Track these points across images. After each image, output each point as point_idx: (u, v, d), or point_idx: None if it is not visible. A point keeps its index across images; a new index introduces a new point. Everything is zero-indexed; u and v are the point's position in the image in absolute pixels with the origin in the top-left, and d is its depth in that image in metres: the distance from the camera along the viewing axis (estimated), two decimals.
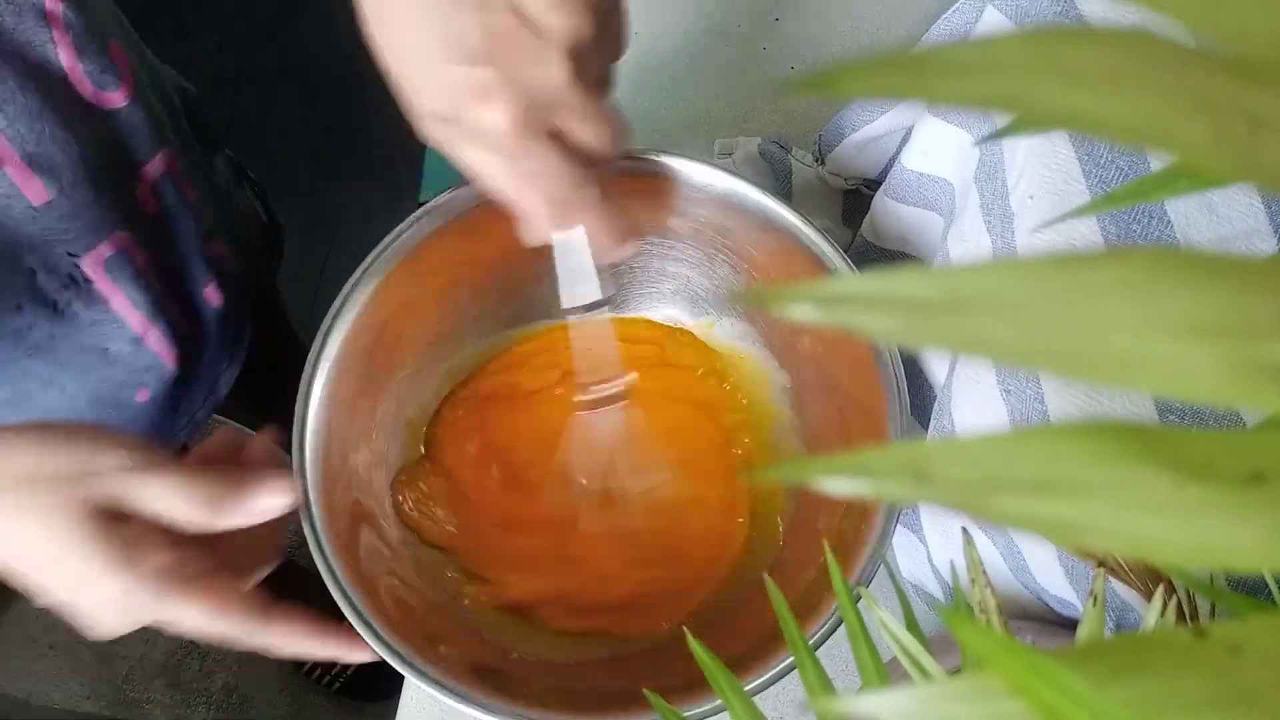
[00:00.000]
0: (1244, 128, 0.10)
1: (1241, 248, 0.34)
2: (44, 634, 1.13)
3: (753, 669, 0.39)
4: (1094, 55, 0.10)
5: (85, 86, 0.49)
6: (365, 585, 0.40)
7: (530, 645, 0.46)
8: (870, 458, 0.11)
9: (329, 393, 0.43)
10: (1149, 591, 0.32)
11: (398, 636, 0.38)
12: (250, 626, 0.36)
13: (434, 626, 0.43)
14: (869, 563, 0.39)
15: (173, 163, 0.55)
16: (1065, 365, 0.10)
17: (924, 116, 0.46)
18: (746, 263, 0.49)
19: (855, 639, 0.26)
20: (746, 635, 0.42)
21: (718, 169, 0.45)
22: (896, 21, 0.67)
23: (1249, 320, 0.10)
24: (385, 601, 0.41)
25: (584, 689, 0.44)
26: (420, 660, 0.38)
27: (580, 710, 0.39)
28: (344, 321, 0.43)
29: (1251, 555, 0.10)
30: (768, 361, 0.52)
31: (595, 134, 0.35)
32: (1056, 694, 0.11)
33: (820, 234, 0.44)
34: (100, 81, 0.49)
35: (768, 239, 0.46)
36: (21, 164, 0.46)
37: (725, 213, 0.47)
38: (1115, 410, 0.34)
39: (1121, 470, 0.11)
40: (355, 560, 0.41)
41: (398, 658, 0.38)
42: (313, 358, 0.42)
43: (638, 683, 0.38)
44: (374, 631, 0.38)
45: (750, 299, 0.24)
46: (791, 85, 0.10)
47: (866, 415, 0.44)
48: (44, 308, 0.50)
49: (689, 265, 0.51)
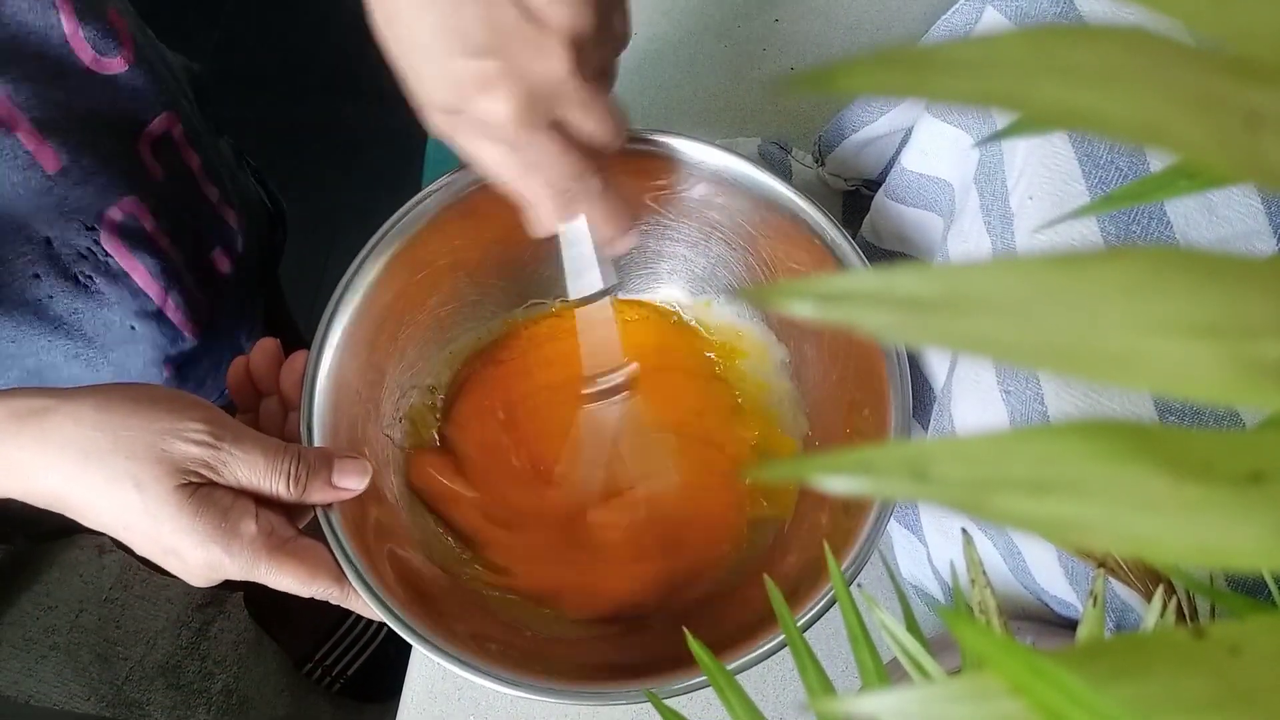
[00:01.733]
0: (1244, 127, 0.10)
1: (1241, 248, 0.34)
2: (44, 635, 1.13)
3: (741, 650, 0.39)
4: (1094, 54, 0.10)
5: (86, 52, 0.49)
6: (373, 562, 0.40)
7: (539, 624, 0.46)
8: (870, 456, 0.11)
9: (334, 378, 0.43)
10: (1149, 592, 0.32)
11: (408, 611, 0.39)
12: (336, 590, 0.38)
13: (443, 603, 0.43)
14: (860, 553, 0.40)
15: (174, 124, 0.56)
16: (1065, 364, 0.10)
17: (924, 117, 0.46)
18: (744, 240, 0.50)
19: (855, 640, 0.26)
20: (738, 619, 0.42)
21: (713, 146, 0.46)
22: (896, 22, 0.67)
23: (1249, 320, 0.10)
24: (392, 577, 0.41)
25: (597, 662, 0.44)
26: (429, 632, 0.39)
27: (591, 679, 0.39)
28: (346, 307, 0.44)
29: (1251, 555, 0.10)
30: (765, 336, 0.52)
31: (597, 125, 0.35)
32: (1056, 694, 0.11)
33: (819, 210, 0.45)
34: (101, 47, 0.49)
35: (766, 217, 0.47)
36: (32, 129, 0.46)
37: (721, 190, 0.47)
38: (1115, 410, 0.34)
39: (1121, 470, 0.10)
40: (364, 539, 0.41)
41: (408, 629, 0.38)
42: (317, 342, 0.43)
43: (648, 653, 0.39)
44: (383, 604, 0.39)
45: (751, 296, 0.24)
46: (791, 83, 0.10)
47: (867, 383, 0.44)
48: (64, 280, 0.51)
49: (686, 245, 0.52)
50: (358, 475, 0.39)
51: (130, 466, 0.35)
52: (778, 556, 0.47)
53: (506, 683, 0.38)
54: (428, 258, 0.47)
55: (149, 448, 0.35)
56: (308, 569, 0.38)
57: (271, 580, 0.37)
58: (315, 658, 1.09)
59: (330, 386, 0.43)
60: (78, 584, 1.15)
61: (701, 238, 0.51)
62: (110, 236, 0.51)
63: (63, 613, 1.13)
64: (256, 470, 0.37)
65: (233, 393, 0.45)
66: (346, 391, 0.44)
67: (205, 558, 0.36)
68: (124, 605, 1.15)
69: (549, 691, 0.38)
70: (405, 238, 0.45)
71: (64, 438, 0.35)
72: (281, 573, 0.37)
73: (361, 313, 0.45)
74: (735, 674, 0.37)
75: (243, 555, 0.36)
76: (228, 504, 0.36)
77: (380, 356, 0.47)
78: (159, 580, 1.14)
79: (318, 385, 0.42)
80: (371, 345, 0.46)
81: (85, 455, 0.35)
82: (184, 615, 1.14)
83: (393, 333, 0.47)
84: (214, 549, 0.36)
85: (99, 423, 0.35)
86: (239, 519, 0.36)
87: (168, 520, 0.35)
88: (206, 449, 0.35)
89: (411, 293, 0.48)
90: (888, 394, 0.42)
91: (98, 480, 0.35)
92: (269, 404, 0.44)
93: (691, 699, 0.47)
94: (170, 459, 0.35)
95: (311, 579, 0.38)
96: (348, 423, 0.44)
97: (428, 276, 0.48)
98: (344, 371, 0.44)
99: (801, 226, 0.46)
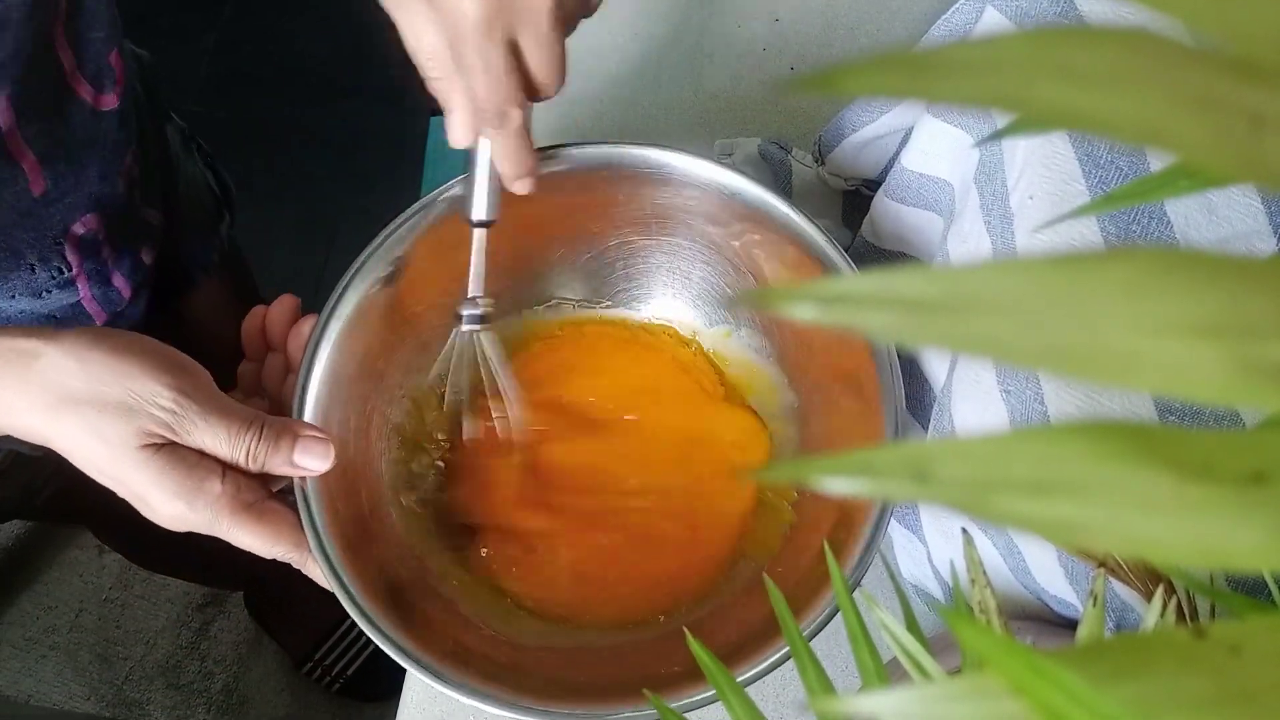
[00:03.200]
0: (1244, 127, 0.10)
1: (1241, 248, 0.34)
2: (44, 635, 1.13)
3: (746, 659, 0.39)
4: (1094, 55, 0.10)
5: (85, 89, 0.50)
6: (361, 570, 0.40)
7: (531, 634, 0.46)
8: (871, 457, 0.11)
9: (340, 347, 0.44)
10: (1149, 592, 0.32)
11: (398, 630, 0.39)
12: (299, 554, 0.39)
13: (431, 613, 0.43)
14: (862, 559, 0.40)
15: (137, 151, 0.57)
16: (1065, 365, 0.10)
17: (924, 117, 0.46)
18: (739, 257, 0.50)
19: (855, 639, 0.26)
20: (741, 626, 0.42)
21: (751, 181, 0.46)
22: (897, 22, 0.67)
23: (1249, 320, 0.10)
24: (378, 583, 0.41)
25: (583, 680, 0.44)
26: (414, 647, 0.39)
27: (579, 699, 0.39)
28: (365, 277, 0.45)
29: (1251, 555, 0.10)
30: (778, 378, 0.52)
31: (544, 64, 0.36)
32: (1056, 694, 0.11)
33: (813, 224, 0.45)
34: (99, 85, 0.50)
35: (788, 251, 0.47)
36: (35, 162, 0.47)
37: (752, 224, 0.47)
38: (1115, 410, 0.34)
39: (1121, 470, 0.11)
40: (347, 538, 0.41)
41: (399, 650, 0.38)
42: (326, 310, 0.44)
43: (637, 671, 0.38)
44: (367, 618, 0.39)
45: (752, 300, 0.24)
46: (792, 85, 0.10)
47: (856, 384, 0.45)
48: (28, 292, 0.51)
49: (715, 272, 0.52)
50: (320, 456, 0.39)
51: (100, 421, 0.35)
52: (778, 564, 0.47)
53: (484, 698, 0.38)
54: (455, 240, 0.47)
55: (119, 405, 0.36)
56: (270, 533, 0.38)
57: (234, 539, 0.38)
58: (315, 658, 1.08)
59: (335, 355, 0.43)
60: (77, 584, 1.15)
61: (731, 270, 0.51)
62: (74, 252, 0.52)
63: (62, 613, 1.14)
64: (219, 441, 0.37)
65: (244, 340, 0.46)
66: (350, 361, 0.44)
67: (172, 511, 0.37)
68: (124, 605, 1.15)
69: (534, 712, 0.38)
70: (406, 241, 0.46)
71: (44, 382, 0.36)
72: (243, 533, 0.38)
73: (379, 286, 0.45)
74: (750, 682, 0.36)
75: (206, 512, 0.37)
76: (193, 462, 0.37)
77: (375, 358, 0.47)
78: (159, 580, 1.14)
79: (320, 353, 0.43)
80: (386, 321, 0.46)
81: (61, 401, 0.35)
82: (184, 615, 1.14)
83: (408, 311, 0.48)
84: (178, 504, 0.36)
85: (77, 371, 0.36)
86: (204, 477, 0.37)
87: (133, 473, 0.36)
88: (170, 415, 0.36)
89: (410, 295, 0.48)
90: (879, 397, 0.43)
91: (71, 428, 0.36)
92: (274, 359, 0.45)
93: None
94: (135, 420, 0.36)
95: (274, 543, 0.39)
96: (346, 393, 0.44)
97: (426, 280, 0.48)
98: (351, 342, 0.44)
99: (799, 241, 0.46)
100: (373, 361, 0.47)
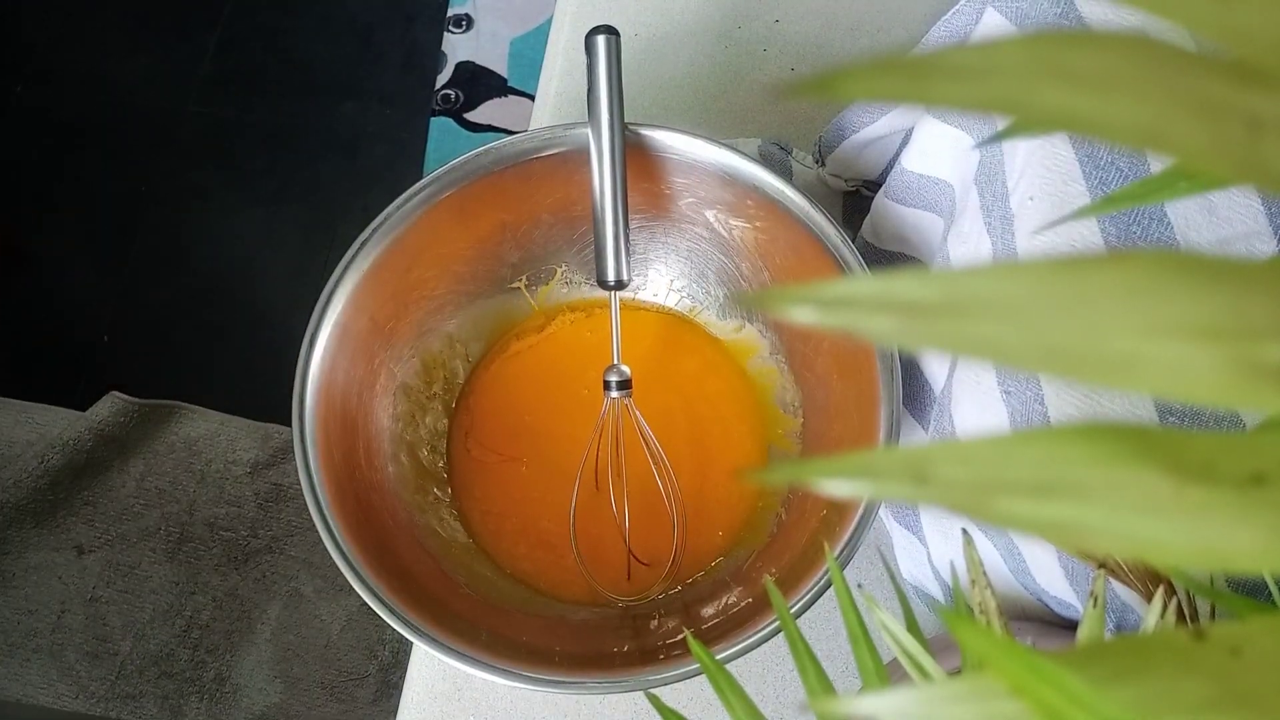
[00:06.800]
0: (1244, 130, 0.10)
1: (1241, 249, 0.34)
2: (25, 640, 1.13)
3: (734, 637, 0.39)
4: (1094, 58, 0.10)
5: None
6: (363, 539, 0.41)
7: (514, 599, 0.47)
8: (871, 459, 0.11)
9: (339, 325, 0.44)
10: (1149, 593, 0.32)
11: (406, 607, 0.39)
12: None
13: (432, 588, 0.44)
14: (850, 541, 0.40)
15: None
16: (1065, 367, 0.10)
17: (924, 118, 0.46)
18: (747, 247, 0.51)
19: (855, 640, 0.26)
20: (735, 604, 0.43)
21: (785, 186, 0.47)
22: (896, 23, 0.67)
23: (1249, 322, 0.10)
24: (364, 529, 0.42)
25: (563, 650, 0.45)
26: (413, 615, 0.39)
27: (576, 667, 0.39)
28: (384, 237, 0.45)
29: (1252, 557, 0.10)
30: (784, 374, 0.53)
31: None
32: (1056, 695, 0.11)
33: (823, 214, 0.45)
34: None
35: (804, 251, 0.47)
36: None
37: (778, 222, 0.48)
38: (1115, 412, 0.34)
39: (1122, 472, 0.11)
40: (339, 482, 0.42)
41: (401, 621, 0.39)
42: (317, 314, 0.44)
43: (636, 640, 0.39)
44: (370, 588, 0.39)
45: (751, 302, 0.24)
46: (792, 88, 0.10)
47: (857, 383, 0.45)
48: None
49: (730, 265, 0.53)
50: None
51: None
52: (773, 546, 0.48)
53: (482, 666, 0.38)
54: (476, 210, 0.48)
55: None
56: None
57: None
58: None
59: (348, 307, 0.44)
60: (57, 586, 1.15)
61: (700, 242, 0.52)
62: None
63: (43, 615, 1.14)
64: None
65: None
66: (360, 316, 0.45)
67: None
68: (109, 602, 1.14)
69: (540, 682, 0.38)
70: (407, 219, 0.46)
71: None
72: None
73: (398, 245, 0.46)
74: (731, 659, 0.37)
75: None
76: None
77: (377, 337, 0.48)
78: (142, 573, 1.13)
79: (333, 303, 0.44)
80: (403, 279, 0.47)
81: None
82: (173, 604, 1.14)
83: (424, 268, 0.49)
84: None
85: None
86: None
87: None
88: None
89: (410, 274, 0.49)
90: (878, 397, 0.43)
91: None
92: None
93: (692, 699, 0.47)
94: None
95: None
96: (354, 345, 0.45)
97: (428, 259, 0.49)
98: (365, 296, 0.45)
99: (808, 232, 0.46)
100: (384, 319, 0.47)
